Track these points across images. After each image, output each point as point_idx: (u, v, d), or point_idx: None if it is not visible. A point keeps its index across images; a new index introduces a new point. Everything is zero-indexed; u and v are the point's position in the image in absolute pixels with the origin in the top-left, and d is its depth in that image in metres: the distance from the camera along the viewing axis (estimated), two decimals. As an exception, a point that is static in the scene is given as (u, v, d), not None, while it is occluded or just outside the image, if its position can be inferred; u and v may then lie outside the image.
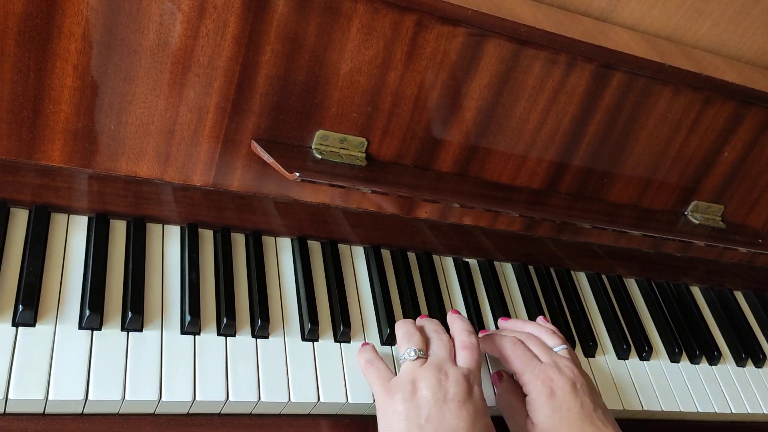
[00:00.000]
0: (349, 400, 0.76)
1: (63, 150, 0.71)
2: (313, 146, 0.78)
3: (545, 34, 0.78)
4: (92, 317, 0.70)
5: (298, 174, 0.74)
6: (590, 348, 0.94)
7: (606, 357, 0.95)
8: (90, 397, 0.66)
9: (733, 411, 0.97)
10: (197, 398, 0.70)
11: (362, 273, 0.90)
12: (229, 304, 0.77)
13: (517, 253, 1.01)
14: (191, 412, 0.71)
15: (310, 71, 0.74)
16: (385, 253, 0.93)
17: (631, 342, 0.98)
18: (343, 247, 0.91)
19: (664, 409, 0.92)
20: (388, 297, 0.87)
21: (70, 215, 0.79)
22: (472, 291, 0.93)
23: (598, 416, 0.76)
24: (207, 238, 0.84)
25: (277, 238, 0.88)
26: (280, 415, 0.76)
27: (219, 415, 0.73)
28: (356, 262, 0.91)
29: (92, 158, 0.73)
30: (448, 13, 0.73)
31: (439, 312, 0.89)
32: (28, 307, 0.68)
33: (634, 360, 0.97)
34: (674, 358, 0.99)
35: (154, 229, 0.81)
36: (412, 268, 0.93)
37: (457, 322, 0.81)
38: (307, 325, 0.80)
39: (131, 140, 0.73)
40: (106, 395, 0.67)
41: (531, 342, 0.82)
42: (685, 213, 1.00)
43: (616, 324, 0.99)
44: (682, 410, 0.93)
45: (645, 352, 0.97)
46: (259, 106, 0.74)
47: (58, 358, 0.67)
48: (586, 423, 0.75)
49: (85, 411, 0.68)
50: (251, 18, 0.69)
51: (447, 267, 0.96)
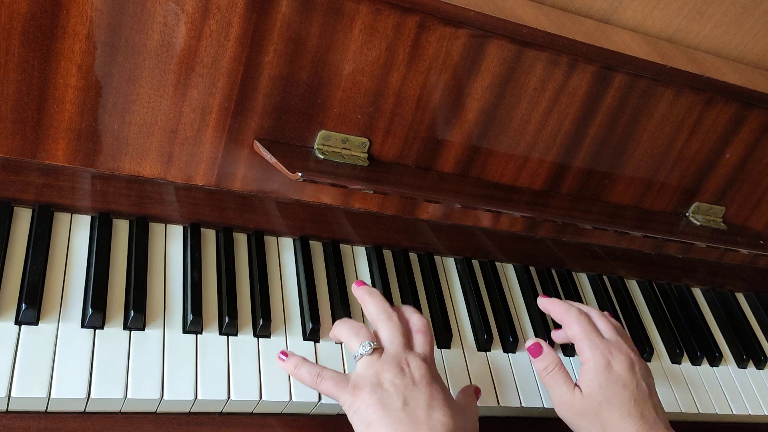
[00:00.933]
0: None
1: (67, 149, 0.72)
2: (316, 146, 0.79)
3: (547, 35, 0.78)
4: (95, 316, 0.71)
5: (300, 174, 0.74)
6: (591, 349, 0.94)
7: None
8: (92, 396, 0.66)
9: (735, 412, 0.97)
10: (199, 397, 0.70)
11: (364, 273, 0.90)
12: (231, 303, 0.77)
13: (519, 254, 1.01)
14: (193, 411, 0.72)
15: (312, 72, 0.74)
16: (387, 254, 0.93)
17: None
18: (344, 248, 0.91)
19: (665, 410, 0.92)
20: (390, 297, 0.87)
21: (73, 214, 0.79)
22: (473, 291, 0.94)
23: (652, 403, 0.75)
24: (209, 237, 0.84)
25: (279, 238, 0.88)
26: (281, 414, 0.76)
27: (221, 414, 0.73)
28: (358, 262, 0.91)
29: (96, 158, 0.73)
30: (450, 14, 0.74)
31: (440, 313, 0.89)
32: (31, 306, 0.69)
33: (635, 361, 0.97)
34: (675, 359, 0.99)
35: (156, 229, 0.82)
36: (414, 268, 0.94)
37: (404, 306, 0.80)
38: (309, 325, 0.80)
39: (134, 140, 0.73)
40: (108, 394, 0.67)
41: (600, 319, 0.83)
42: (687, 214, 1.00)
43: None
44: (683, 411, 0.93)
45: (646, 353, 0.97)
46: (262, 106, 0.74)
47: (61, 357, 0.68)
48: (638, 406, 0.74)
49: (87, 409, 0.68)
50: (254, 18, 0.69)
51: (448, 267, 0.97)
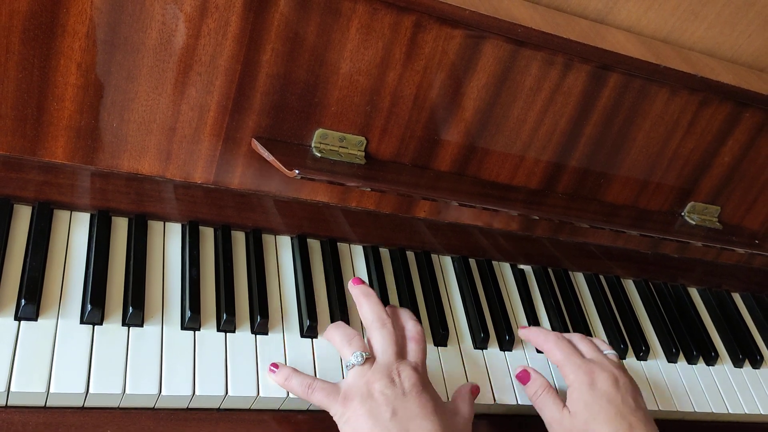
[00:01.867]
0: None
1: (66, 147, 0.73)
2: (313, 145, 0.79)
3: (542, 35, 0.79)
4: (93, 312, 0.71)
5: (298, 172, 0.75)
6: (587, 347, 0.95)
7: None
8: (91, 391, 0.67)
9: (730, 411, 0.97)
10: (197, 393, 0.71)
11: (361, 271, 0.91)
12: (229, 300, 0.78)
13: (516, 253, 1.01)
14: (191, 406, 0.72)
15: (310, 70, 0.75)
16: (384, 252, 0.94)
17: (628, 342, 0.98)
18: (342, 246, 0.92)
19: (661, 408, 0.92)
20: (386, 296, 0.88)
21: (73, 212, 0.79)
22: (470, 290, 0.94)
23: (640, 415, 0.76)
24: (207, 235, 0.84)
25: (276, 236, 0.89)
26: (278, 410, 0.76)
27: (218, 409, 0.74)
28: (355, 260, 0.91)
29: (95, 155, 0.74)
30: (446, 13, 0.74)
31: (437, 311, 0.89)
32: (31, 302, 0.69)
33: (631, 360, 0.97)
34: (671, 358, 1.00)
35: (155, 227, 0.82)
36: (411, 266, 0.94)
37: (401, 310, 0.81)
38: (306, 322, 0.80)
39: (133, 138, 0.74)
40: (106, 389, 0.67)
41: (582, 342, 0.85)
42: (682, 214, 1.01)
43: (614, 324, 1.00)
44: (679, 410, 0.94)
45: (642, 352, 0.98)
46: (260, 104, 0.75)
47: (60, 352, 0.68)
48: (625, 419, 0.75)
49: (86, 404, 0.68)
50: (252, 17, 0.70)
51: (445, 266, 0.97)
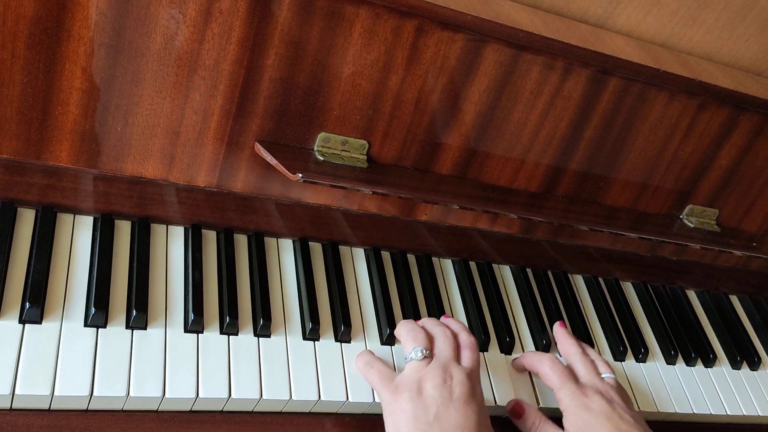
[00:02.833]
0: (350, 399, 0.77)
1: (70, 151, 0.73)
2: (315, 148, 0.80)
3: (543, 39, 0.79)
4: (97, 315, 0.71)
5: (300, 175, 0.75)
6: (587, 349, 0.95)
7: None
8: (95, 393, 0.67)
9: (729, 413, 0.98)
10: (200, 395, 0.71)
11: (363, 274, 0.91)
12: (232, 303, 0.78)
13: (516, 256, 1.02)
14: (194, 409, 0.72)
15: (312, 75, 0.75)
16: (385, 255, 0.94)
17: (627, 344, 0.99)
18: (343, 249, 0.92)
19: (660, 410, 0.93)
20: (388, 298, 0.88)
21: (76, 215, 0.80)
22: (470, 293, 0.95)
23: (641, 430, 0.77)
24: (210, 238, 0.85)
25: (279, 239, 0.89)
26: (281, 413, 0.77)
27: (221, 412, 0.74)
28: (357, 263, 0.92)
29: (99, 159, 0.74)
30: (448, 18, 0.75)
31: (438, 314, 0.90)
32: (35, 305, 0.69)
33: (630, 362, 0.98)
34: (670, 360, 1.00)
35: (158, 230, 0.83)
36: (412, 269, 0.95)
37: (454, 323, 0.83)
38: (309, 325, 0.81)
39: (137, 141, 0.74)
40: (110, 391, 0.68)
41: (581, 363, 0.85)
42: (681, 217, 1.02)
43: (613, 326, 1.00)
44: (678, 411, 0.94)
45: (641, 354, 0.98)
46: (263, 108, 0.76)
47: (64, 355, 0.68)
48: None
49: (90, 407, 0.69)
50: (256, 22, 0.70)
51: (446, 269, 0.98)
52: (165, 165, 0.77)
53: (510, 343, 0.91)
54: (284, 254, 0.88)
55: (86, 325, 0.71)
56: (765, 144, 0.98)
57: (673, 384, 0.97)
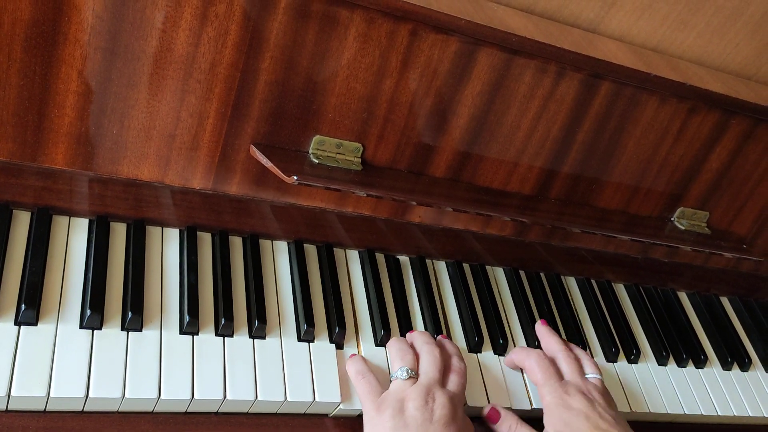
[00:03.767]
0: (344, 401, 0.78)
1: (66, 153, 0.73)
2: (310, 151, 0.80)
3: (536, 43, 0.80)
4: (93, 317, 0.72)
5: (296, 177, 0.76)
6: (580, 351, 0.96)
7: (595, 359, 0.97)
8: (90, 395, 0.67)
9: (720, 413, 0.98)
10: (195, 397, 0.71)
11: (357, 276, 0.92)
12: (227, 305, 0.79)
13: (509, 258, 1.03)
14: (189, 410, 0.73)
15: (307, 78, 0.76)
16: (380, 257, 0.95)
17: (619, 345, 1.00)
18: (338, 251, 0.93)
19: (651, 410, 0.94)
20: (382, 300, 0.89)
21: (72, 217, 0.80)
22: (464, 295, 0.95)
23: (620, 430, 0.78)
24: (205, 240, 0.85)
25: (274, 242, 0.89)
26: (276, 414, 0.77)
27: (217, 413, 0.74)
28: (351, 265, 0.92)
29: (95, 161, 0.75)
30: (442, 22, 0.76)
31: (432, 316, 0.90)
32: (30, 307, 0.70)
33: (622, 363, 0.99)
34: (662, 361, 1.01)
35: (153, 232, 0.83)
36: (406, 271, 0.95)
37: (449, 345, 0.85)
38: (303, 327, 0.81)
39: (133, 144, 0.75)
40: (106, 393, 0.68)
41: (566, 361, 0.86)
42: (672, 219, 1.03)
43: (605, 327, 1.01)
44: (669, 412, 0.95)
45: (633, 355, 0.99)
46: (258, 111, 0.76)
47: (60, 357, 0.69)
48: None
49: (86, 409, 0.69)
50: (251, 26, 0.71)
51: (440, 271, 0.98)
52: (160, 167, 0.77)
53: (503, 345, 0.92)
54: (279, 256, 0.88)
55: (82, 326, 0.72)
56: (755, 147, 0.99)
57: (664, 385, 0.98)
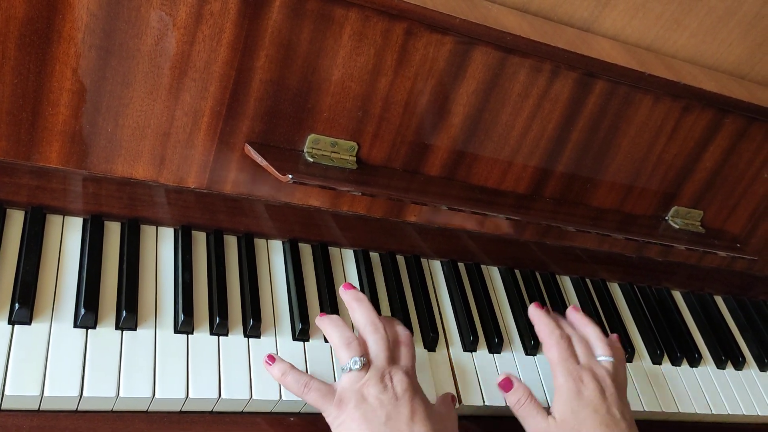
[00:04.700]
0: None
1: (60, 152, 0.73)
2: (305, 150, 0.80)
3: (530, 42, 0.80)
4: (87, 316, 0.71)
5: (290, 176, 0.76)
6: (574, 349, 0.96)
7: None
8: (84, 394, 0.67)
9: (714, 412, 0.99)
10: (190, 396, 0.71)
11: (352, 275, 0.92)
12: (222, 304, 0.79)
13: (504, 257, 1.03)
14: (184, 409, 0.73)
15: (303, 77, 0.76)
16: (375, 256, 0.95)
17: (614, 344, 1.00)
18: (333, 250, 0.93)
19: (646, 409, 0.94)
20: (377, 299, 0.89)
21: (66, 216, 0.80)
22: (459, 294, 0.95)
23: (621, 428, 0.78)
24: (200, 239, 0.85)
25: (268, 241, 0.89)
26: (272, 413, 0.77)
27: (211, 412, 0.74)
28: (346, 264, 0.92)
29: (89, 160, 0.74)
30: (436, 21, 0.76)
31: (426, 315, 0.90)
32: (24, 306, 0.69)
33: (617, 361, 0.99)
34: (656, 360, 1.01)
35: (148, 231, 0.83)
36: (401, 270, 0.95)
37: (387, 318, 0.82)
38: (298, 325, 0.81)
39: (128, 142, 0.74)
40: (100, 392, 0.68)
41: (579, 343, 0.86)
42: (666, 218, 1.03)
43: (600, 326, 1.01)
44: (663, 410, 0.95)
45: (627, 354, 0.99)
46: (253, 110, 0.76)
47: (54, 356, 0.68)
48: (609, 429, 0.77)
49: (80, 408, 0.69)
50: (246, 24, 0.71)
51: (435, 270, 0.98)
52: (155, 166, 0.77)
53: (498, 344, 0.92)
54: (274, 255, 0.88)
55: (76, 325, 0.71)
56: (748, 146, 1.00)
57: (659, 383, 0.98)
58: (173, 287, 0.79)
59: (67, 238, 0.78)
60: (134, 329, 0.74)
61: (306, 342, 0.81)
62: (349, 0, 0.72)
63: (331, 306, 0.85)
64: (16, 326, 0.69)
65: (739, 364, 1.08)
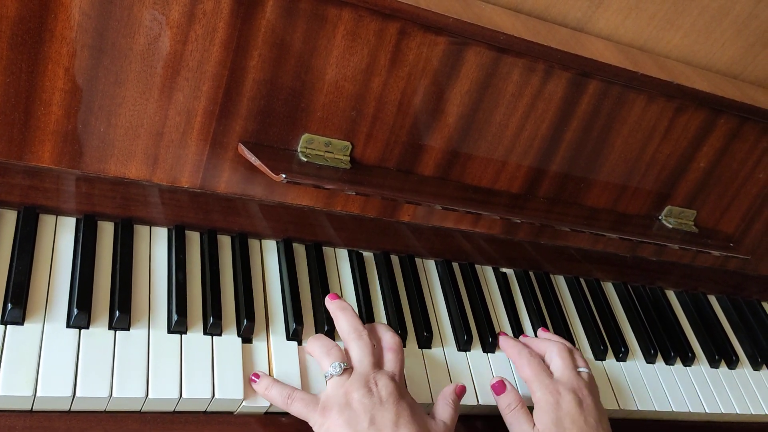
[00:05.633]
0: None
1: (53, 151, 0.73)
2: (299, 149, 0.80)
3: (523, 42, 0.80)
4: (80, 316, 0.71)
5: (284, 176, 0.76)
6: (568, 349, 0.96)
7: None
8: (77, 394, 0.67)
9: (707, 411, 0.99)
10: (183, 396, 0.71)
11: (346, 275, 0.92)
12: (216, 304, 0.78)
13: (498, 257, 1.03)
14: (177, 409, 0.73)
15: (296, 76, 0.76)
16: (369, 256, 0.95)
17: (608, 343, 1.00)
18: (327, 250, 0.92)
19: (640, 408, 0.94)
20: (370, 299, 0.89)
21: (59, 216, 0.80)
22: (453, 293, 0.95)
23: None
24: (194, 239, 0.85)
25: (262, 240, 0.89)
26: (265, 413, 0.77)
27: (205, 412, 0.74)
28: (340, 264, 0.92)
29: (82, 160, 0.74)
30: (430, 21, 0.76)
31: (421, 314, 0.90)
32: (17, 306, 0.69)
33: (611, 361, 0.99)
34: (650, 359, 1.02)
35: (141, 231, 0.83)
36: (395, 270, 0.95)
37: (378, 326, 0.83)
38: (292, 325, 0.81)
39: (121, 142, 0.74)
40: (93, 392, 0.68)
41: (559, 356, 0.86)
42: (660, 218, 1.03)
43: (594, 326, 1.02)
44: (657, 410, 0.95)
45: (621, 353, 0.99)
46: (247, 109, 0.76)
47: (47, 356, 0.68)
48: None
49: (73, 408, 0.69)
50: (239, 24, 0.71)
51: (429, 270, 0.98)
52: (148, 166, 0.77)
53: (492, 343, 0.92)
54: (268, 255, 0.88)
55: (69, 326, 0.71)
56: (742, 146, 1.00)
57: (652, 383, 0.99)
58: (167, 287, 0.79)
59: (60, 237, 0.78)
60: (127, 329, 0.73)
61: (300, 342, 0.81)
62: (343, -1, 0.72)
63: (324, 306, 0.85)
64: (8, 326, 0.69)
65: (733, 363, 1.08)
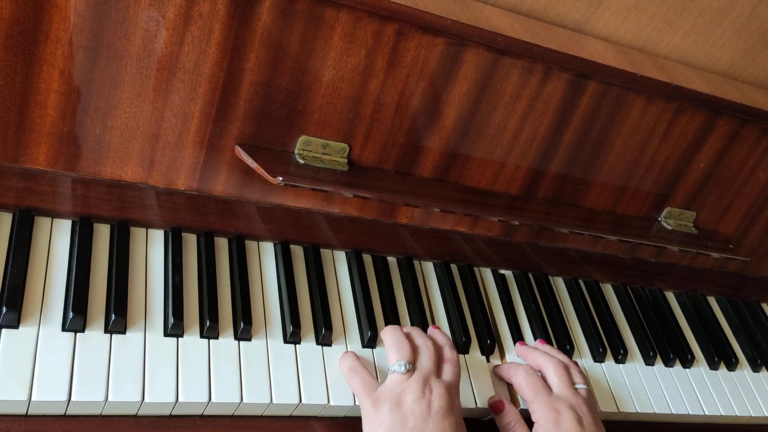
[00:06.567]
0: (331, 402, 0.77)
1: (48, 153, 0.72)
2: (296, 151, 0.80)
3: (522, 43, 0.80)
4: (76, 319, 0.71)
5: (281, 178, 0.75)
6: (567, 351, 0.96)
7: (582, 360, 0.97)
8: (73, 398, 0.67)
9: (707, 413, 0.99)
10: (180, 399, 0.71)
11: (344, 277, 0.91)
12: (212, 306, 0.78)
13: (497, 259, 1.02)
14: (174, 413, 0.72)
15: (293, 78, 0.75)
16: (367, 258, 0.94)
17: (607, 345, 1.00)
18: (325, 252, 0.92)
19: (639, 410, 0.94)
20: (369, 301, 0.89)
21: (54, 219, 0.79)
22: (452, 296, 0.95)
23: None
24: (190, 242, 0.84)
25: (260, 243, 0.89)
26: (262, 416, 0.76)
27: (201, 416, 0.74)
28: (338, 266, 0.92)
29: (77, 162, 0.74)
30: (428, 22, 0.75)
31: (419, 316, 0.90)
32: (12, 309, 0.69)
33: (609, 363, 0.99)
34: (649, 361, 1.01)
35: (137, 233, 0.82)
36: (393, 272, 0.95)
37: (440, 336, 0.85)
38: (290, 328, 0.81)
39: (116, 144, 0.74)
40: (89, 396, 0.67)
41: (555, 372, 0.86)
42: (659, 219, 1.03)
43: (593, 328, 1.01)
44: (656, 412, 0.95)
45: (620, 355, 0.99)
46: (243, 111, 0.76)
47: (42, 360, 0.68)
48: None
49: (68, 412, 0.68)
50: (236, 25, 0.70)
51: (427, 272, 0.98)
52: (144, 168, 0.76)
53: (491, 346, 0.91)
54: (265, 257, 0.88)
55: (64, 329, 0.71)
56: (741, 147, 1.00)
57: (651, 385, 0.98)
58: (163, 290, 0.79)
59: (55, 240, 0.78)
60: (123, 332, 0.73)
61: (297, 345, 0.81)
62: (340, 1, 0.71)
63: (322, 309, 0.84)
64: (3, 330, 0.68)
65: (732, 364, 1.08)
